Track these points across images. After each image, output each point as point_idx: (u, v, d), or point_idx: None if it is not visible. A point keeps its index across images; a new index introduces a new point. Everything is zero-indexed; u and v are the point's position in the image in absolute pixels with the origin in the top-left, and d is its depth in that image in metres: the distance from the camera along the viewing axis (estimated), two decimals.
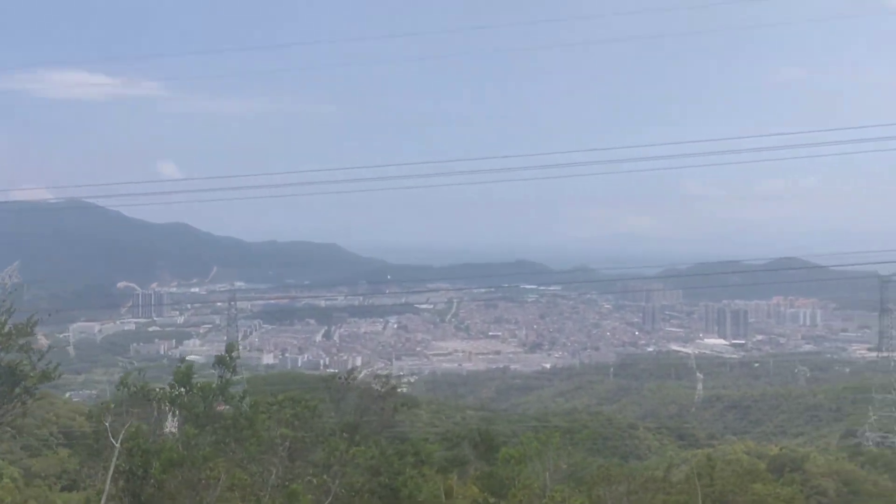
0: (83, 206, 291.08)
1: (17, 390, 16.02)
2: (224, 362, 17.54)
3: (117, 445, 14.67)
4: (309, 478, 18.27)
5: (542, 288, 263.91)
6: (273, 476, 17.25)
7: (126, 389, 16.65)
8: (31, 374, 16.10)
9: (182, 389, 16.72)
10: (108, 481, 14.85)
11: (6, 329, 15.91)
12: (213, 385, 16.92)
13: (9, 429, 54.89)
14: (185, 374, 16.85)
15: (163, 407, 16.58)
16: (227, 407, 17.66)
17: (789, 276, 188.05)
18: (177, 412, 16.79)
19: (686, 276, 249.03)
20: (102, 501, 14.85)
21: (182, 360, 17.85)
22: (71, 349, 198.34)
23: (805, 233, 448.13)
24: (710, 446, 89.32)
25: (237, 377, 18.38)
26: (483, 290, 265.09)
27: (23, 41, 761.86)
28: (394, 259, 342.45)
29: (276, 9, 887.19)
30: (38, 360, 16.53)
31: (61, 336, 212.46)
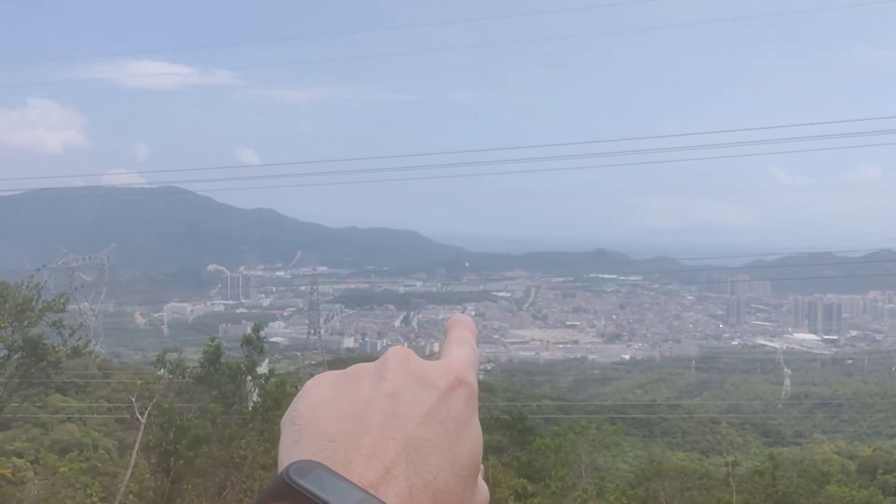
0: (175, 191, 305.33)
1: (42, 364, 16.54)
2: (251, 342, 17.60)
3: (143, 420, 15.15)
4: None
5: (621, 278, 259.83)
6: None
7: (163, 367, 17.05)
8: (59, 350, 16.65)
9: (211, 368, 16.84)
10: (134, 455, 15.44)
11: (39, 305, 16.45)
12: (241, 365, 17.02)
13: (107, 403, 57.96)
14: (213, 352, 17.01)
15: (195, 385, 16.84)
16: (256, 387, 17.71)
17: (887, 269, 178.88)
18: (255, 389, 17.17)
19: (774, 268, 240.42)
20: (127, 475, 15.42)
21: (212, 339, 18.02)
22: (165, 328, 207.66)
23: None
24: (798, 444, 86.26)
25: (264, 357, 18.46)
26: (561, 279, 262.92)
27: (107, 32, 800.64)
28: (471, 247, 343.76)
29: None
30: (70, 335, 16.98)
31: (156, 315, 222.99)
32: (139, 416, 15.12)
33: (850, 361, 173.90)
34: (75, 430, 48.31)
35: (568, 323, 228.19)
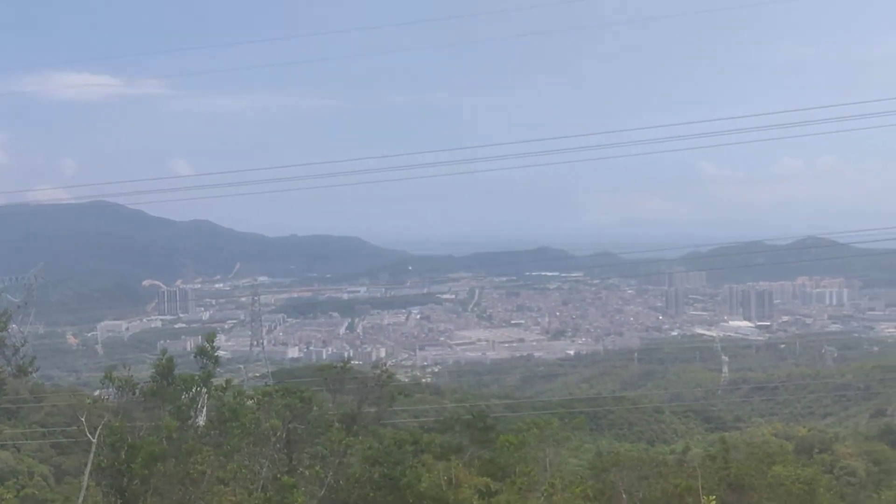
0: (105, 206, 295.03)
1: None
2: (205, 352, 17.29)
3: (94, 440, 14.65)
4: (302, 469, 18.15)
5: (563, 275, 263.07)
6: (264, 469, 17.10)
7: (111, 384, 16.55)
8: (3, 371, 15.88)
9: (164, 382, 16.49)
10: (86, 476, 14.93)
11: None
12: (195, 376, 16.69)
13: (39, 427, 55.63)
14: (165, 366, 16.66)
15: (147, 401, 16.41)
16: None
17: (813, 255, 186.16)
18: (203, 407, 16.77)
19: (709, 259, 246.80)
20: (81, 497, 14.90)
21: (163, 351, 17.66)
22: (99, 347, 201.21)
23: (825, 213, 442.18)
24: (738, 429, 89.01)
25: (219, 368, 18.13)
26: (504, 278, 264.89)
27: (26, 43, 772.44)
28: (415, 250, 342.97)
29: (275, 3, 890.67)
30: (12, 355, 16.23)
31: (89, 335, 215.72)
32: (90, 437, 14.59)
33: (782, 346, 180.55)
34: (9, 458, 46.33)
35: (513, 322, 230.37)
